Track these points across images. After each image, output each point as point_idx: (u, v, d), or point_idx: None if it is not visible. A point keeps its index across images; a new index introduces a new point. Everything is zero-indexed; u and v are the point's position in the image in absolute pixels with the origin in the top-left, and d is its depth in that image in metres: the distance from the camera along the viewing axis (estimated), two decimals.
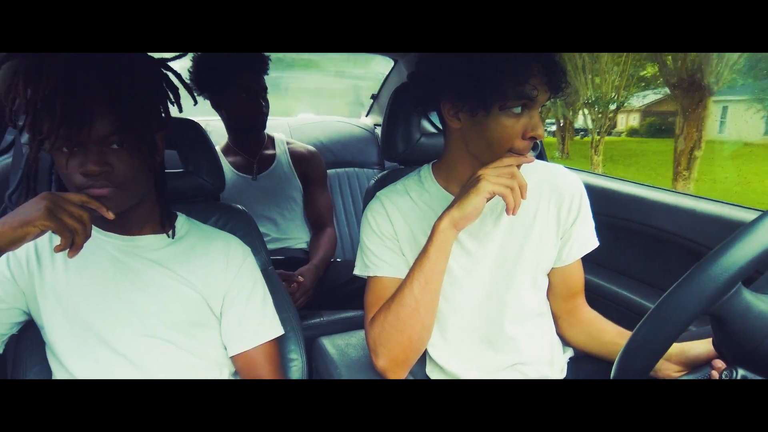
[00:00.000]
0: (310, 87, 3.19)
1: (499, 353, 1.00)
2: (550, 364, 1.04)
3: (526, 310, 1.01)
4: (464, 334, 1.00)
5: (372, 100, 2.60)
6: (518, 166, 0.86)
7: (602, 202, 1.42)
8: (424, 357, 1.02)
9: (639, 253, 1.42)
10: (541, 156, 1.89)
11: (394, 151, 1.26)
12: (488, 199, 0.85)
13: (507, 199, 0.84)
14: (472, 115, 0.88)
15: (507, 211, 0.85)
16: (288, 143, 1.93)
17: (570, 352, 1.10)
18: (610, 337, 1.01)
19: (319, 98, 3.34)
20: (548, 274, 1.05)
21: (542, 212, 1.00)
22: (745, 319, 0.61)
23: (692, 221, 1.24)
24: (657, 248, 1.36)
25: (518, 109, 0.85)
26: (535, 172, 1.00)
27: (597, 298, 1.40)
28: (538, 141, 1.85)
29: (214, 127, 1.99)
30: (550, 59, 0.85)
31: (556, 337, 1.08)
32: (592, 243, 1.04)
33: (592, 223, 1.04)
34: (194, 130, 1.13)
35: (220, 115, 1.79)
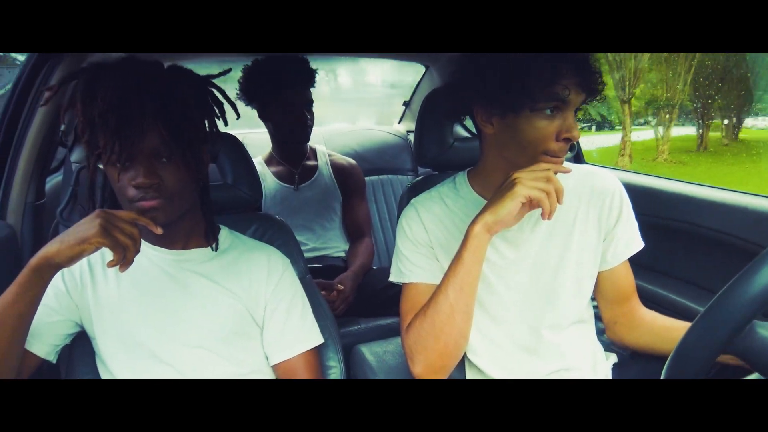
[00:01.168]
0: (342, 97, 3.23)
1: (541, 360, 0.98)
2: (594, 370, 1.01)
3: (568, 316, 0.98)
4: (504, 341, 0.98)
5: (404, 107, 2.60)
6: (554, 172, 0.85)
7: (646, 202, 1.38)
8: (464, 363, 1.01)
9: (686, 254, 1.36)
10: (578, 157, 1.85)
11: (428, 157, 1.26)
12: (524, 204, 0.83)
13: (543, 203, 0.82)
14: (503, 119, 0.87)
15: (543, 216, 0.83)
16: (329, 155, 1.97)
17: (613, 358, 1.06)
18: (678, 333, 0.96)
19: (352, 107, 3.37)
20: (596, 280, 1.02)
21: (581, 217, 0.98)
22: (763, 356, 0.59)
23: (744, 219, 1.19)
24: (705, 248, 1.30)
25: (550, 111, 0.84)
26: (571, 176, 0.98)
27: (648, 304, 1.35)
28: (574, 142, 1.82)
29: (251, 140, 2.04)
30: (582, 60, 0.84)
31: (599, 343, 1.05)
32: (636, 244, 1.01)
33: (635, 224, 1.01)
34: (232, 143, 1.16)
35: (266, 126, 1.84)
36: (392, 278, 1.00)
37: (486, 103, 0.88)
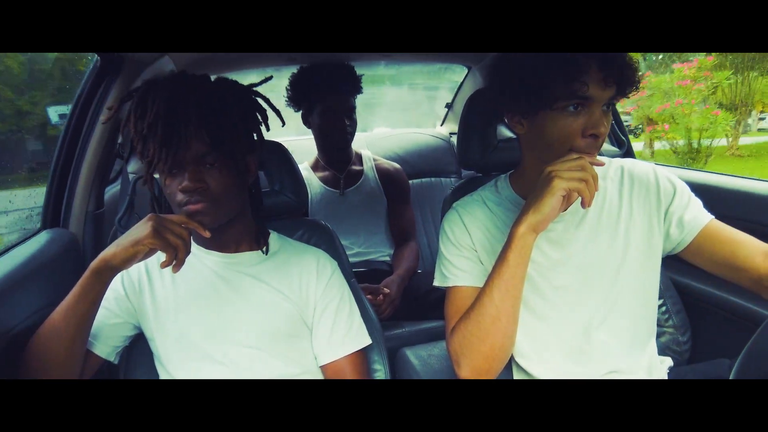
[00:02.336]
0: (383, 102, 3.24)
1: (592, 362, 0.95)
2: (648, 372, 0.97)
3: (620, 315, 0.95)
4: (552, 342, 0.96)
5: (446, 109, 2.59)
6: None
7: (703, 200, 1.31)
8: (511, 366, 0.99)
9: None
10: (628, 154, 1.79)
11: (471, 159, 1.25)
12: (564, 197, 0.82)
13: (582, 193, 0.81)
14: (527, 118, 0.88)
15: (583, 204, 0.82)
16: (374, 160, 1.98)
17: (669, 361, 1.02)
18: None
19: (394, 112, 3.38)
20: (698, 258, 0.94)
21: (626, 210, 0.96)
22: None
23: None
24: None
25: (573, 108, 0.83)
26: (609, 172, 0.98)
27: (705, 307, 1.28)
28: (624, 138, 1.76)
29: (297, 147, 2.08)
30: (605, 55, 0.82)
31: (654, 345, 1.00)
32: (705, 214, 0.94)
33: (697, 199, 0.96)
34: (279, 151, 1.19)
35: (312, 131, 1.88)
36: (436, 282, 1.00)
37: (512, 105, 0.89)
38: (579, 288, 0.94)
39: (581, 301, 0.95)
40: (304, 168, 1.94)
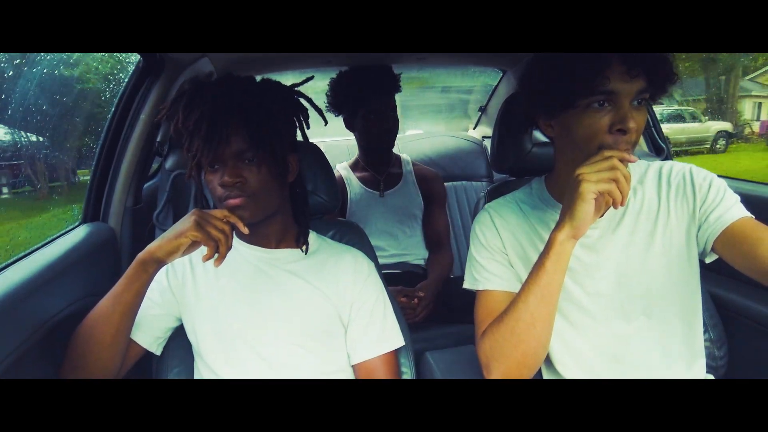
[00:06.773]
0: (416, 104, 3.24)
1: (631, 370, 0.93)
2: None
3: (659, 322, 0.92)
4: (589, 351, 0.94)
5: (479, 113, 2.57)
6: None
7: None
8: (540, 372, 0.97)
9: None
10: (668, 158, 1.73)
11: (505, 163, 1.23)
12: (597, 199, 0.80)
13: (613, 194, 0.78)
14: (555, 119, 0.88)
15: (614, 205, 0.80)
16: (413, 164, 2.00)
17: (711, 378, 0.98)
18: None
19: (426, 114, 3.38)
20: (729, 253, 0.88)
21: (663, 212, 0.93)
22: None
23: None
24: None
25: (599, 104, 0.82)
26: (648, 173, 0.96)
27: (744, 320, 1.23)
28: (663, 144, 1.70)
29: (328, 147, 2.09)
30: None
31: (703, 365, 0.97)
32: (739, 209, 0.89)
33: (734, 195, 0.91)
34: (314, 152, 1.20)
35: (354, 134, 1.90)
36: (466, 285, 0.99)
37: (540, 108, 0.89)
38: (614, 294, 0.92)
39: (617, 307, 0.92)
40: (343, 167, 1.96)
